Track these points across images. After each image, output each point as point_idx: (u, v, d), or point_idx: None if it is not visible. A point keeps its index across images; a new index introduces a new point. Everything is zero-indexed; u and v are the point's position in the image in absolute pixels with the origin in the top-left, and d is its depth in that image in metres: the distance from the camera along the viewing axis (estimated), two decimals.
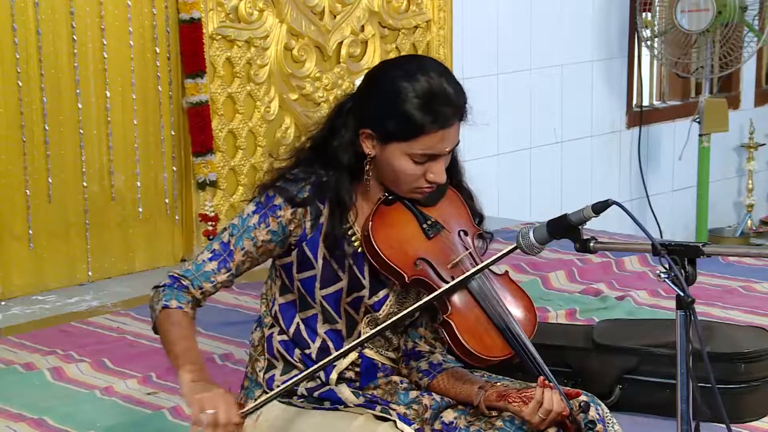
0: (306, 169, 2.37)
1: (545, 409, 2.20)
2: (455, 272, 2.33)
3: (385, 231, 2.32)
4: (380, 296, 2.38)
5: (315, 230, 2.34)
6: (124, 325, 4.07)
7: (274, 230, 2.32)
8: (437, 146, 2.28)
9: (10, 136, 4.34)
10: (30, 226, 4.42)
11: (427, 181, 2.31)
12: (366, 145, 2.32)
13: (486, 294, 2.33)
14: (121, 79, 4.60)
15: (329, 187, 2.33)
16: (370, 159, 2.33)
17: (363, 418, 2.27)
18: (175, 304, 2.27)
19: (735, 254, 2.76)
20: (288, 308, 2.40)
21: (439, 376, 2.39)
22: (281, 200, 2.33)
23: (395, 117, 2.27)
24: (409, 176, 2.30)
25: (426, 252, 2.34)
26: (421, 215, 2.37)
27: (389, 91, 2.28)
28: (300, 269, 2.36)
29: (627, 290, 4.33)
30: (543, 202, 6.14)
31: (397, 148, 2.28)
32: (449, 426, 2.33)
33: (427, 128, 2.26)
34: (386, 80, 2.31)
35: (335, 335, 2.39)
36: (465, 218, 2.43)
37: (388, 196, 2.37)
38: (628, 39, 6.52)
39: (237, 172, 4.96)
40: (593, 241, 2.13)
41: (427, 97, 2.26)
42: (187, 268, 2.33)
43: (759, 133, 7.19)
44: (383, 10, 5.38)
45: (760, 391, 3.21)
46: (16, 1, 4.30)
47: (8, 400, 3.32)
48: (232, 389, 2.20)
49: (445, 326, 2.30)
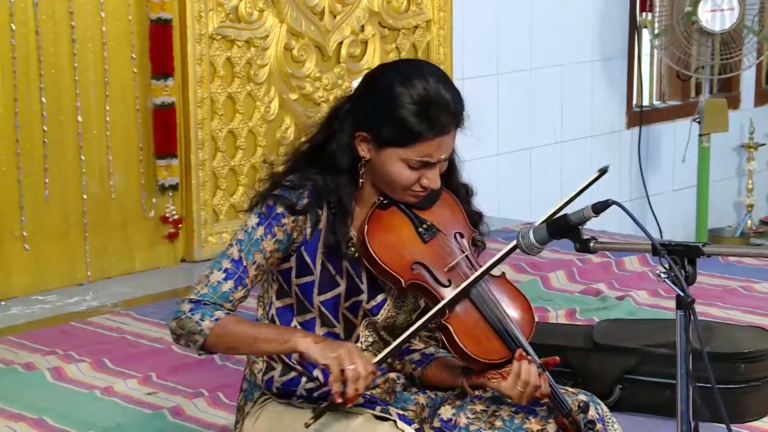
0: (303, 175, 2.35)
1: (522, 380, 2.22)
2: (452, 275, 2.33)
3: (380, 235, 2.32)
4: (378, 300, 2.37)
5: (313, 236, 2.33)
6: (124, 325, 4.07)
7: (281, 239, 2.31)
8: (433, 153, 2.27)
9: (8, 136, 4.34)
10: (29, 226, 4.41)
11: (422, 186, 2.30)
12: (361, 149, 2.31)
13: (483, 297, 2.32)
14: (120, 78, 4.60)
15: (328, 192, 2.32)
16: (365, 162, 2.32)
17: (362, 417, 2.27)
18: (222, 314, 2.25)
19: (735, 254, 2.76)
20: (285, 312, 2.40)
21: (429, 365, 2.40)
22: (282, 209, 2.31)
23: (391, 122, 2.26)
24: (404, 181, 2.29)
25: (422, 256, 2.33)
26: (417, 219, 2.36)
27: (386, 96, 2.27)
28: (299, 274, 2.35)
29: (627, 290, 4.33)
30: (543, 202, 6.14)
31: (393, 153, 2.28)
32: (448, 423, 2.34)
33: (423, 135, 2.25)
34: (383, 84, 2.29)
35: (334, 338, 2.38)
36: (461, 220, 2.42)
37: (383, 200, 2.36)
38: (628, 39, 6.52)
39: (237, 172, 4.96)
40: (593, 241, 2.13)
41: (423, 103, 2.24)
42: (203, 292, 2.28)
43: (759, 133, 7.19)
44: (383, 10, 5.38)
45: (760, 391, 3.21)
46: (15, 2, 4.30)
47: (8, 400, 3.32)
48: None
49: (443, 330, 2.30)
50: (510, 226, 4.95)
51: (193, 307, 2.26)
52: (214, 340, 2.24)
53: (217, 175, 4.89)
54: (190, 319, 2.24)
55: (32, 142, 4.40)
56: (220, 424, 3.15)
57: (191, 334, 2.24)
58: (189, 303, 2.27)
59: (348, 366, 2.11)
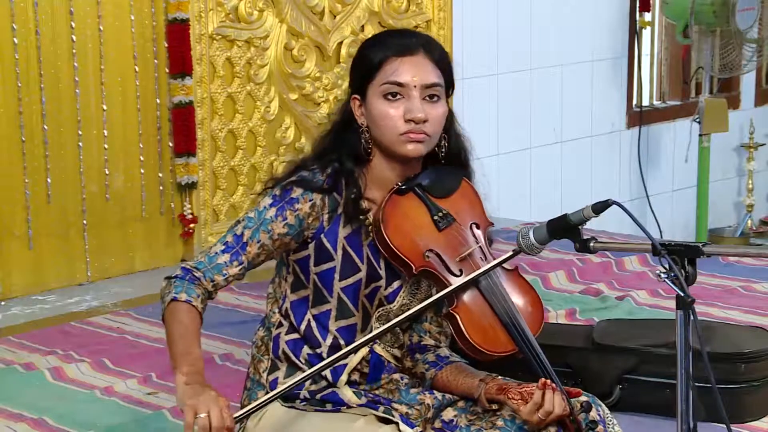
0: (321, 161, 2.39)
1: (545, 410, 2.20)
2: (464, 265, 2.34)
3: (395, 221, 2.33)
4: (394, 287, 2.39)
5: (333, 222, 2.35)
6: (124, 325, 4.07)
7: (291, 224, 2.33)
8: (399, 73, 2.32)
9: (9, 136, 4.34)
10: (29, 226, 4.41)
11: (408, 120, 2.32)
12: (357, 115, 2.38)
13: (493, 289, 2.33)
14: (120, 78, 4.60)
15: (345, 172, 2.36)
16: (365, 129, 2.37)
17: (364, 420, 2.27)
18: (184, 297, 2.26)
19: (735, 254, 2.76)
20: (300, 304, 2.40)
21: (445, 368, 2.40)
22: (299, 193, 2.33)
23: (360, 65, 2.39)
24: (390, 119, 2.33)
25: (436, 244, 2.35)
26: (434, 207, 2.38)
27: (357, 55, 2.43)
28: (318, 262, 2.36)
29: (627, 290, 4.33)
30: (543, 202, 6.14)
31: (372, 95, 2.35)
32: (449, 424, 2.34)
33: (383, 58, 2.34)
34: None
35: (347, 332, 2.38)
36: (479, 212, 2.44)
37: (401, 186, 2.38)
38: (628, 39, 6.52)
39: (237, 172, 4.96)
40: (593, 241, 2.14)
41: (377, 36, 2.47)
42: (199, 260, 2.32)
43: (759, 133, 7.19)
44: (383, 10, 5.38)
45: (760, 391, 3.21)
46: (15, 1, 4.30)
47: (8, 400, 3.32)
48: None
49: (450, 319, 2.31)
50: (510, 226, 4.95)
51: (180, 275, 2.30)
52: (165, 320, 2.29)
53: (217, 175, 4.89)
54: (169, 286, 2.29)
55: (33, 142, 4.39)
56: None
57: (162, 301, 2.31)
58: (182, 269, 2.31)
59: (200, 414, 2.08)
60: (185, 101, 4.69)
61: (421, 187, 2.38)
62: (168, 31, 4.66)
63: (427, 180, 2.39)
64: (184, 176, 4.74)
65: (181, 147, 4.72)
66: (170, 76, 4.68)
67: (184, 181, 4.75)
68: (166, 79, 4.70)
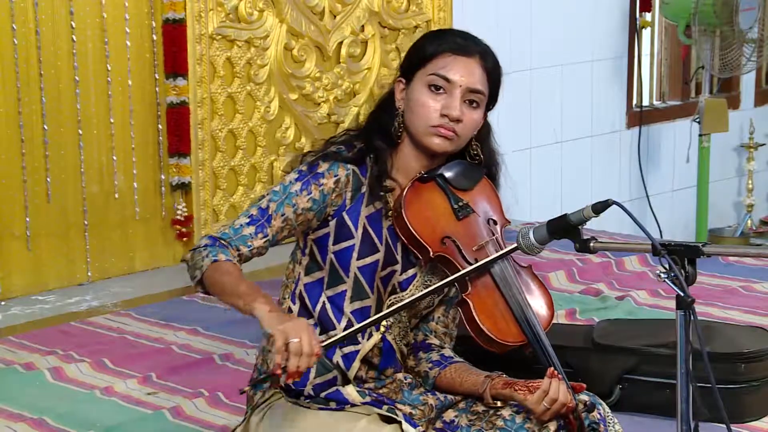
0: (350, 141, 2.44)
1: (550, 398, 2.23)
2: (479, 255, 2.39)
3: (416, 205, 2.38)
4: (409, 275, 2.42)
5: (355, 201, 2.39)
6: (124, 325, 4.07)
7: (315, 198, 2.36)
8: (450, 69, 2.38)
9: (9, 136, 4.34)
10: (29, 226, 4.41)
11: (443, 116, 2.37)
12: (397, 98, 2.43)
13: (507, 280, 2.38)
14: (120, 78, 4.60)
15: (374, 150, 2.41)
16: (400, 113, 2.42)
17: (367, 419, 2.27)
18: (223, 257, 2.27)
19: (735, 254, 2.76)
20: (314, 287, 2.42)
21: (449, 367, 2.41)
22: (324, 168, 2.37)
23: (414, 53, 2.46)
24: (427, 109, 2.37)
25: (454, 231, 2.40)
26: (454, 196, 2.44)
27: (412, 46, 2.50)
28: (337, 240, 2.38)
29: (627, 290, 4.33)
30: (543, 202, 6.14)
31: (417, 82, 2.40)
32: (450, 424, 2.35)
33: (440, 51, 2.40)
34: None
35: (361, 315, 2.40)
36: (497, 209, 2.51)
37: (423, 174, 2.42)
38: (628, 39, 6.52)
39: (237, 172, 4.96)
40: (593, 241, 2.14)
41: (441, 30, 2.68)
42: (224, 231, 2.33)
43: (759, 133, 7.19)
44: (383, 10, 5.38)
45: (760, 391, 3.21)
46: (15, 1, 4.30)
47: (8, 400, 3.32)
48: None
49: (463, 305, 2.36)
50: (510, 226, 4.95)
51: (209, 243, 2.30)
52: (208, 280, 2.26)
53: (217, 175, 4.89)
54: (200, 254, 2.28)
55: (33, 142, 4.39)
56: (220, 424, 3.14)
57: (194, 269, 2.28)
58: (208, 239, 2.32)
59: (292, 339, 2.08)
60: (177, 102, 4.68)
61: (443, 177, 2.45)
62: (162, 31, 4.65)
63: (450, 172, 2.46)
64: (175, 177, 4.74)
65: (174, 148, 4.72)
66: (165, 77, 4.68)
67: (176, 182, 4.74)
68: (163, 79, 4.70)
